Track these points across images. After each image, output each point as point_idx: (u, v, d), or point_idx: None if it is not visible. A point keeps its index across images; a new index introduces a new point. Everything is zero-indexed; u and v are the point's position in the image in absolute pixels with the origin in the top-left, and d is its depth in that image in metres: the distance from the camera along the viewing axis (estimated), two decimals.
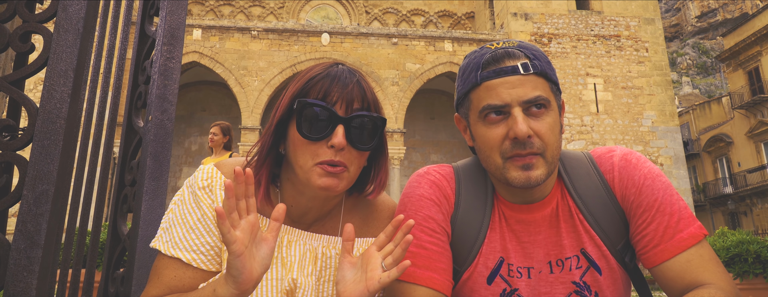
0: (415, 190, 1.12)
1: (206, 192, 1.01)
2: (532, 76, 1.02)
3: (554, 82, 1.06)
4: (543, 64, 1.04)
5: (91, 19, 1.22)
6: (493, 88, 1.02)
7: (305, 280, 1.01)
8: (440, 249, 1.06)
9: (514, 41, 1.07)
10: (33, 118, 1.11)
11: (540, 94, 1.01)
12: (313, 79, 1.00)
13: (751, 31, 26.46)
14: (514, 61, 1.03)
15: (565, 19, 21.29)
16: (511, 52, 1.04)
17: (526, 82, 1.01)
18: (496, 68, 1.02)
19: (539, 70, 1.02)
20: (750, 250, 4.45)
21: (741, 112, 27.26)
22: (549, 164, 1.01)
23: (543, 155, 1.01)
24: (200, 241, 0.97)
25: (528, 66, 1.02)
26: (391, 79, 19.99)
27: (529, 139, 0.99)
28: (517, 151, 1.00)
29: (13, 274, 1.01)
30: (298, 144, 0.98)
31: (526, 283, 1.07)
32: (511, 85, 1.01)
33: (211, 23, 19.59)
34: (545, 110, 1.01)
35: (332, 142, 0.95)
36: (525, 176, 1.00)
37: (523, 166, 1.00)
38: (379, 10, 26.20)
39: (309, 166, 0.97)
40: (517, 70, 1.01)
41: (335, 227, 1.09)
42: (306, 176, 0.97)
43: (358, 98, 0.99)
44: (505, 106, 1.00)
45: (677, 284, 0.97)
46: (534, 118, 1.01)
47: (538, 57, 1.04)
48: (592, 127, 20.11)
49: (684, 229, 1.00)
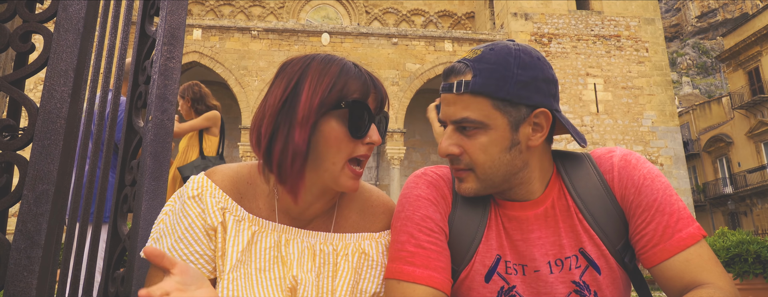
0: (413, 191, 1.12)
1: (195, 202, 1.01)
2: (465, 96, 1.02)
3: (502, 98, 1.01)
4: (485, 82, 1.00)
5: (91, 19, 1.22)
6: (442, 99, 1.08)
7: (305, 277, 1.02)
8: (439, 248, 1.06)
9: (483, 49, 1.05)
10: (33, 118, 1.11)
11: (467, 116, 1.02)
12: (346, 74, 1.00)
13: (751, 31, 26.47)
14: (456, 77, 1.04)
15: (565, 19, 21.30)
16: (457, 67, 1.05)
17: (458, 101, 1.03)
18: (444, 83, 1.07)
19: (472, 89, 1.01)
20: (750, 250, 4.45)
21: (741, 112, 27.28)
22: (481, 181, 1.05)
23: (473, 171, 1.05)
24: (189, 250, 0.98)
25: (461, 85, 1.02)
26: (391, 79, 20.00)
27: (453, 156, 1.05)
28: (451, 164, 1.08)
29: (13, 274, 1.01)
30: (334, 140, 0.98)
31: (522, 281, 1.07)
32: (446, 103, 1.06)
33: (211, 23, 19.60)
34: (477, 130, 1.02)
35: (372, 139, 1.00)
36: (458, 187, 1.08)
37: (457, 177, 1.08)
38: (379, 10, 26.21)
39: (341, 165, 0.99)
40: (451, 88, 1.04)
41: (329, 223, 1.09)
42: (335, 175, 0.99)
43: (385, 98, 1.06)
44: (444, 120, 1.07)
45: (676, 284, 0.98)
46: (465, 135, 1.04)
47: (482, 73, 1.01)
48: (592, 127, 20.12)
49: (683, 228, 1.00)
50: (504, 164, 1.04)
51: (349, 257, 1.06)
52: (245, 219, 1.02)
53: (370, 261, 1.07)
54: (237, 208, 1.02)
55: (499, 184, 1.06)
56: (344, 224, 1.10)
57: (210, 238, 0.99)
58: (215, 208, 1.00)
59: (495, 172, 1.04)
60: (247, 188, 1.06)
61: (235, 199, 1.04)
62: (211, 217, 0.99)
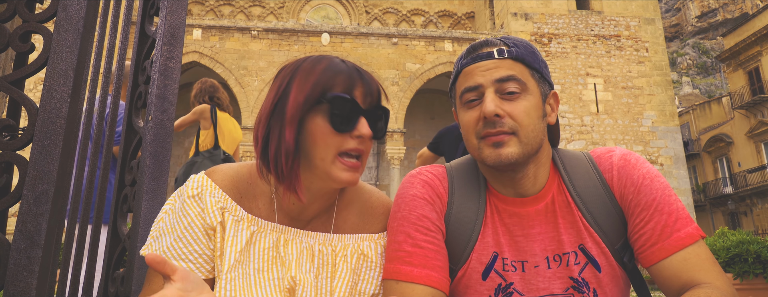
0: (408, 191, 1.12)
1: (195, 201, 1.01)
2: (507, 60, 1.07)
3: (537, 69, 1.09)
4: (521, 50, 1.08)
5: (91, 19, 1.22)
6: (470, 72, 1.08)
7: (304, 278, 1.02)
8: (436, 247, 1.06)
9: (502, 36, 1.13)
10: (33, 118, 1.11)
11: (513, 74, 1.05)
12: (332, 70, 1.02)
13: (751, 31, 26.46)
14: (490, 48, 1.09)
15: (565, 19, 21.30)
16: (490, 40, 1.10)
17: (500, 65, 1.06)
18: (473, 55, 1.09)
19: (515, 55, 1.07)
20: (750, 250, 4.45)
21: (741, 112, 27.27)
22: (523, 145, 1.04)
23: (516, 134, 1.04)
24: (188, 250, 0.98)
25: (503, 51, 1.07)
26: (391, 79, 19.99)
27: (498, 118, 1.03)
28: (488, 130, 1.04)
29: (13, 274, 1.02)
30: (321, 135, 0.98)
31: (521, 277, 1.07)
32: (485, 68, 1.07)
33: (211, 23, 19.60)
34: (520, 94, 1.05)
35: (360, 132, 0.99)
36: (496, 154, 1.03)
37: (494, 143, 1.04)
38: (379, 10, 26.21)
39: (331, 159, 0.98)
40: (492, 55, 1.07)
41: (328, 223, 1.09)
42: (327, 169, 0.98)
43: (375, 91, 1.04)
44: (479, 86, 1.06)
45: (674, 283, 0.98)
46: (507, 100, 1.04)
47: (517, 45, 1.08)
48: (592, 127, 20.11)
49: (681, 228, 1.00)
50: (539, 132, 1.07)
51: (348, 258, 1.06)
52: (244, 219, 1.02)
53: (368, 262, 1.07)
54: (236, 208, 1.03)
55: (532, 153, 1.06)
56: (343, 225, 1.10)
57: (209, 237, 1.00)
58: (214, 207, 1.00)
59: (535, 137, 1.06)
60: (247, 188, 1.06)
61: (235, 199, 1.04)
62: (211, 216, 1.00)
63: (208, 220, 0.99)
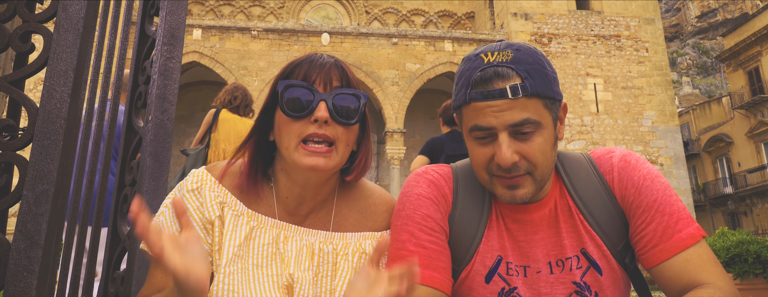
0: (413, 190, 1.12)
1: (194, 195, 1.02)
2: (521, 99, 0.97)
3: (550, 97, 1.00)
4: (536, 82, 0.98)
5: (91, 19, 1.22)
6: (480, 109, 0.99)
7: (302, 276, 1.02)
8: (439, 248, 1.06)
9: (510, 51, 1.01)
10: (33, 118, 1.11)
11: (528, 117, 0.97)
12: (293, 63, 1.05)
13: (751, 31, 26.46)
14: (503, 82, 0.97)
15: (565, 19, 21.30)
16: (501, 72, 0.98)
17: (514, 105, 0.97)
18: (483, 91, 0.99)
19: (530, 92, 0.97)
20: (750, 250, 4.45)
21: (741, 112, 27.27)
22: (538, 182, 1.02)
23: (531, 174, 1.01)
24: None
25: (517, 89, 0.97)
26: (391, 79, 19.99)
27: (514, 164, 0.99)
28: (502, 174, 1.01)
29: (13, 274, 1.02)
30: (283, 125, 1.00)
31: (523, 282, 1.07)
32: (498, 109, 0.98)
33: (211, 23, 19.59)
34: (535, 131, 0.99)
35: (316, 115, 0.98)
36: (510, 195, 1.02)
37: (508, 186, 1.01)
38: (379, 10, 26.20)
39: (294, 146, 0.99)
40: (505, 94, 0.97)
41: (327, 221, 1.09)
42: (292, 157, 0.99)
43: (337, 77, 1.03)
44: (492, 128, 0.99)
45: (676, 284, 0.98)
46: (522, 140, 0.99)
47: (531, 74, 0.98)
48: (592, 127, 20.11)
49: (683, 229, 1.00)
50: (552, 162, 1.04)
51: (350, 257, 1.06)
52: (244, 214, 1.03)
53: None
54: (236, 203, 1.03)
55: (544, 185, 1.04)
56: (344, 223, 1.10)
57: (207, 232, 1.00)
58: (213, 202, 1.01)
59: (549, 172, 1.03)
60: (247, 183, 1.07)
61: (236, 195, 1.04)
62: (209, 210, 1.00)
63: (207, 214, 1.00)
